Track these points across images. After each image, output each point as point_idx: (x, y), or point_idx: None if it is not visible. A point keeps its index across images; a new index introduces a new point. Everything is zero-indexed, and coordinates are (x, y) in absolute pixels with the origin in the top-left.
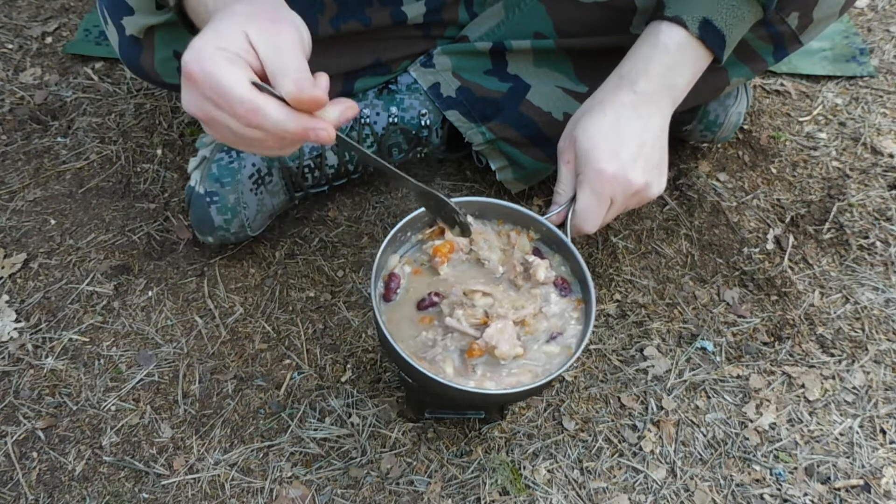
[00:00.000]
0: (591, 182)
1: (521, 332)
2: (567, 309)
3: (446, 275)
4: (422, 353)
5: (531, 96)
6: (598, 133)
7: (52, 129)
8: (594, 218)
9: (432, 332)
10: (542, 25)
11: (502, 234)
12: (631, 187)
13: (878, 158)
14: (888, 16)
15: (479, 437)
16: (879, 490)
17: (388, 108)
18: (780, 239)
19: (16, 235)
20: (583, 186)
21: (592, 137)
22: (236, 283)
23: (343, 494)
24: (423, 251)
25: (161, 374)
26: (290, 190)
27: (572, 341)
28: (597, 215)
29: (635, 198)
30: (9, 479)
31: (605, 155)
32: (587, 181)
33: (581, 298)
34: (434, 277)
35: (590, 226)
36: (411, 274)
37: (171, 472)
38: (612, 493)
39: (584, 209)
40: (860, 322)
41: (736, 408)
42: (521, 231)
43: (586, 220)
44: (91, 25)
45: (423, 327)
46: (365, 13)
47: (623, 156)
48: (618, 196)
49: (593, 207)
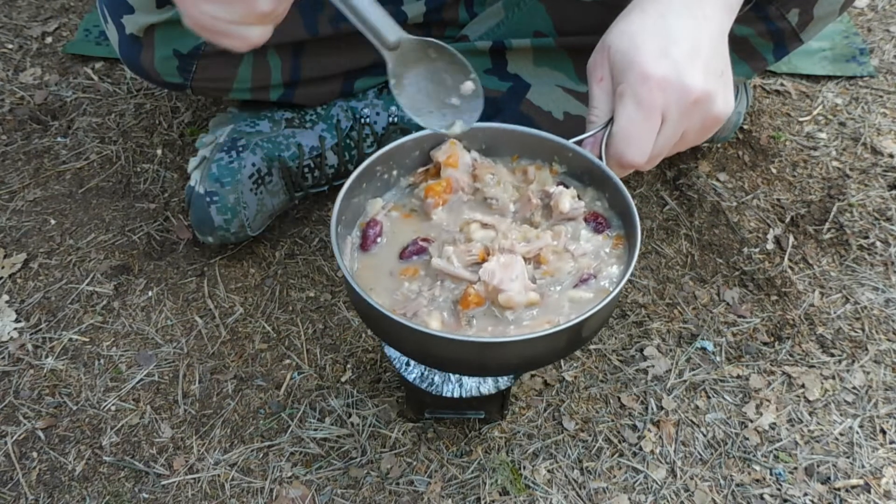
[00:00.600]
0: (634, 90)
1: (537, 274)
2: (603, 247)
3: (440, 219)
4: (401, 308)
5: (531, 95)
6: (641, 30)
7: (52, 129)
8: (640, 139)
9: (417, 284)
10: (542, 24)
11: (517, 171)
12: (688, 94)
13: (878, 158)
14: (888, 16)
15: (479, 437)
16: (879, 490)
17: (388, 107)
18: (780, 239)
19: (16, 235)
20: (623, 98)
21: (633, 36)
22: (236, 283)
23: (343, 494)
24: (414, 195)
25: (161, 374)
26: (290, 190)
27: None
28: (644, 135)
29: (696, 113)
30: (9, 479)
31: (651, 54)
32: (629, 89)
33: (622, 234)
34: (425, 223)
35: (634, 150)
36: (400, 218)
37: (171, 472)
38: (612, 493)
39: (626, 127)
40: (860, 322)
41: (736, 408)
42: (542, 165)
43: (629, 142)
44: (91, 25)
45: (406, 279)
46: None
47: (675, 54)
48: (671, 108)
49: (638, 124)
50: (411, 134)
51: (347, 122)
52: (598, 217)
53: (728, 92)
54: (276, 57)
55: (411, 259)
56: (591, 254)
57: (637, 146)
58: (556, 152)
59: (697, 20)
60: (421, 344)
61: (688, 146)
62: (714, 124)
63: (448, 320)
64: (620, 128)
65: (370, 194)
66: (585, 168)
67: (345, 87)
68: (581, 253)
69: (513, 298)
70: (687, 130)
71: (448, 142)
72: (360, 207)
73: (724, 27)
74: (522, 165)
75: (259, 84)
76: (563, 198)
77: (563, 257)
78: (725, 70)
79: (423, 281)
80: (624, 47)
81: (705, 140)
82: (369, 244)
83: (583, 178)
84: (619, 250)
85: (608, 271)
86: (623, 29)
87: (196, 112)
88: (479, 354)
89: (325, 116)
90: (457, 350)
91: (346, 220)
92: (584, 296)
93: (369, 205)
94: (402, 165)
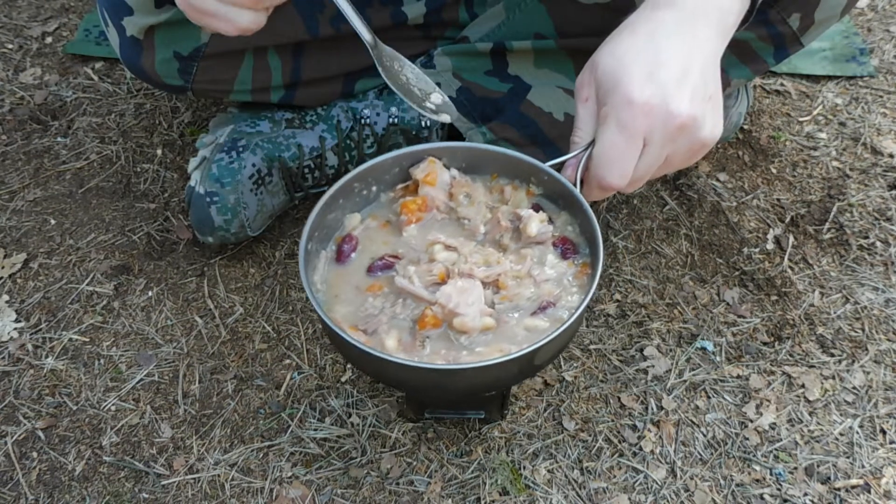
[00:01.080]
0: (617, 113)
1: (496, 299)
2: (567, 274)
3: (411, 237)
4: (362, 325)
5: (532, 97)
6: (629, 51)
7: (52, 129)
8: (621, 162)
9: (380, 300)
10: (542, 26)
11: (494, 190)
12: (672, 120)
13: (878, 158)
14: (888, 16)
15: (479, 437)
16: (879, 490)
17: (389, 108)
18: (780, 239)
19: (16, 235)
20: (606, 121)
21: (621, 57)
22: (236, 283)
23: (343, 494)
24: (391, 210)
25: (161, 374)
26: (290, 190)
27: (567, 315)
28: (624, 159)
29: (681, 139)
30: (9, 479)
31: (636, 77)
32: (612, 112)
33: (588, 263)
34: (397, 238)
35: (613, 173)
36: (377, 227)
37: (171, 472)
38: (612, 493)
39: (607, 150)
40: (860, 322)
41: (736, 408)
42: (518, 186)
43: (609, 165)
44: (91, 25)
45: (371, 294)
46: (365, 13)
47: (662, 78)
48: (655, 133)
49: (619, 147)
50: (391, 152)
51: (348, 122)
52: (567, 242)
53: (717, 116)
54: (277, 58)
55: (377, 274)
56: (553, 280)
57: (618, 170)
58: (532, 174)
59: (689, 42)
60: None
61: (674, 169)
62: (701, 149)
63: (406, 340)
64: (601, 151)
65: (347, 210)
66: (560, 192)
67: (345, 88)
68: (544, 279)
69: (467, 323)
70: (671, 155)
71: (427, 160)
72: (338, 223)
73: (718, 50)
74: (500, 185)
75: (260, 86)
76: (531, 222)
77: (524, 283)
78: (715, 94)
79: (387, 297)
80: (611, 68)
81: (693, 163)
82: (344, 258)
83: (558, 201)
84: (583, 279)
85: (568, 300)
86: (612, 49)
87: (196, 112)
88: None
89: (326, 117)
90: (409, 374)
91: (321, 236)
92: (541, 324)
93: (347, 219)
94: (382, 182)
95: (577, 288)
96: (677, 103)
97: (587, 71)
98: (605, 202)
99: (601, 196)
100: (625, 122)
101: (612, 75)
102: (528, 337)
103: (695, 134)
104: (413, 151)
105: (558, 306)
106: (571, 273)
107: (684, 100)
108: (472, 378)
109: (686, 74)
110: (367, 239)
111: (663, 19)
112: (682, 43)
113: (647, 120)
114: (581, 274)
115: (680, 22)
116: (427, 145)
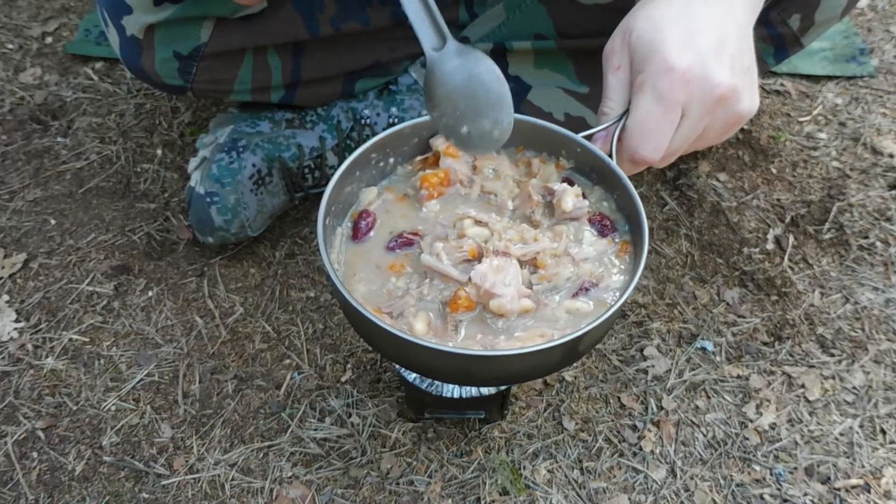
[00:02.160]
0: (654, 80)
1: (534, 279)
2: (606, 252)
3: (433, 212)
4: (386, 307)
5: (532, 97)
6: (666, 17)
7: (52, 129)
8: (657, 134)
9: (404, 280)
10: (542, 26)
11: (520, 164)
12: (713, 90)
13: (878, 158)
14: (888, 16)
15: (479, 437)
16: (879, 490)
17: (389, 108)
18: (780, 239)
19: (16, 235)
20: (643, 89)
21: (658, 22)
22: (236, 283)
23: (343, 494)
24: (410, 184)
25: (161, 374)
26: (290, 190)
27: (611, 297)
28: (661, 130)
29: (720, 110)
30: (9, 479)
31: (675, 43)
32: (649, 80)
33: (628, 241)
34: (416, 213)
35: (649, 146)
36: (393, 201)
37: (171, 472)
38: (612, 493)
39: (642, 121)
40: (860, 322)
41: (736, 408)
42: (546, 159)
43: (645, 136)
44: (91, 25)
45: (394, 274)
46: (365, 13)
47: (701, 44)
48: (693, 102)
49: (656, 118)
50: (409, 120)
51: (348, 122)
52: (603, 219)
53: (754, 89)
54: (277, 58)
55: (396, 252)
56: (592, 259)
57: (653, 142)
58: (563, 146)
59: (724, 10)
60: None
61: (708, 145)
62: (738, 123)
63: (435, 323)
64: (636, 121)
65: (363, 183)
66: (594, 165)
67: (345, 88)
68: (583, 258)
69: (504, 306)
70: (708, 128)
71: None
72: (353, 196)
73: (750, 19)
74: (527, 157)
75: (260, 85)
76: (566, 196)
77: (563, 262)
78: (752, 66)
79: (411, 278)
80: (647, 34)
81: (727, 138)
82: (361, 235)
83: (591, 175)
84: (624, 258)
85: (610, 281)
86: (648, 14)
87: (196, 112)
88: (465, 367)
89: (326, 117)
90: (443, 361)
91: (337, 210)
92: (583, 307)
93: (363, 193)
94: (400, 153)
95: (618, 267)
96: (718, 73)
97: (619, 37)
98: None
99: (633, 171)
100: (662, 90)
101: (649, 41)
102: (570, 321)
103: (734, 106)
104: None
105: (601, 287)
106: (612, 251)
107: (724, 69)
108: (510, 365)
109: (724, 42)
110: (384, 213)
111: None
112: (718, 9)
113: (687, 89)
114: (622, 252)
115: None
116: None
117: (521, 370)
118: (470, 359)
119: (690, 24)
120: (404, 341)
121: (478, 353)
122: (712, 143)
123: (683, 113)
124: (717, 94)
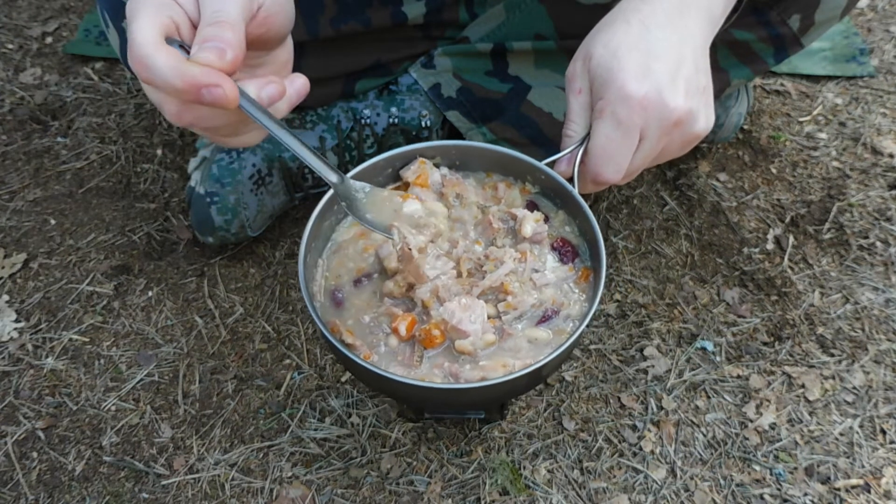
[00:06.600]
0: (613, 107)
1: (500, 307)
2: (567, 279)
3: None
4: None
5: (532, 97)
6: (623, 44)
7: (52, 129)
8: (618, 156)
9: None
10: (543, 27)
11: (487, 187)
12: (669, 114)
13: (878, 158)
14: (888, 16)
15: (479, 437)
16: (879, 490)
17: (389, 108)
18: (780, 239)
19: (16, 235)
20: (603, 115)
21: (615, 50)
22: (236, 283)
23: (343, 494)
24: None
25: (161, 374)
26: (291, 190)
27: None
28: (621, 154)
29: (676, 132)
30: (9, 479)
31: (632, 71)
32: (608, 107)
33: (589, 267)
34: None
35: (610, 169)
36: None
37: (171, 472)
38: (612, 493)
39: (603, 144)
40: (860, 322)
41: (736, 408)
42: (512, 184)
43: (606, 159)
44: (91, 25)
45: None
46: (365, 14)
47: (657, 72)
48: (651, 127)
49: (616, 142)
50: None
51: (348, 122)
52: (566, 244)
53: (709, 109)
54: None
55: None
56: (553, 285)
57: (614, 165)
58: (528, 172)
59: (680, 33)
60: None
61: (666, 160)
62: (694, 141)
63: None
64: (598, 145)
65: (342, 213)
66: (557, 189)
67: (345, 89)
68: (544, 283)
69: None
70: (666, 147)
71: (417, 161)
72: (331, 230)
73: (707, 40)
74: (493, 182)
75: None
76: (525, 221)
77: (526, 287)
78: (707, 86)
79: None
80: (605, 61)
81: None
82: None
83: (555, 199)
84: (584, 286)
85: (570, 309)
86: (606, 40)
87: None
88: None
89: (326, 117)
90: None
91: (319, 246)
92: (543, 335)
93: (337, 234)
94: (375, 183)
95: (578, 294)
96: (673, 98)
97: (579, 61)
98: (605, 202)
99: (596, 190)
100: (621, 117)
101: (608, 69)
102: (531, 350)
103: (690, 127)
104: (406, 151)
105: (561, 315)
106: (572, 279)
107: (679, 94)
108: (479, 395)
109: (679, 67)
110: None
111: (654, 9)
112: (673, 34)
113: (645, 114)
114: (582, 279)
115: (670, 12)
116: (420, 144)
117: (490, 397)
118: (441, 392)
119: (647, 49)
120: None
121: (448, 386)
122: (671, 158)
123: (642, 136)
124: (674, 118)
